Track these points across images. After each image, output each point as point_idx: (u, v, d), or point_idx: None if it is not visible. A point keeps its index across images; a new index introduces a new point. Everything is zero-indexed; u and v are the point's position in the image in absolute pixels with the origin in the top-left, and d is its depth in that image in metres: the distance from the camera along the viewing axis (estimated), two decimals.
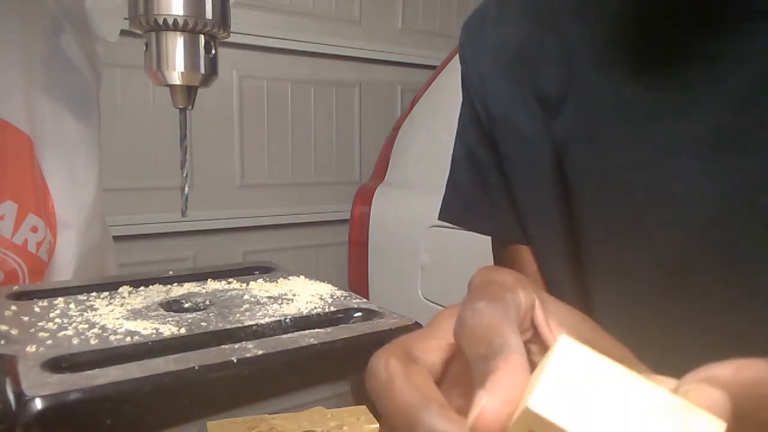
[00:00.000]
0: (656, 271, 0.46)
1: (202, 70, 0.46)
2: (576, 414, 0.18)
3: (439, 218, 0.63)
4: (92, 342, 0.38)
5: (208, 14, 0.44)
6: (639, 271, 0.47)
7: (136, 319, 0.43)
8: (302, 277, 0.56)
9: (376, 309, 0.45)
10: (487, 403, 0.21)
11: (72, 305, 0.46)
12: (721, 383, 0.20)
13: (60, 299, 0.48)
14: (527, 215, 0.55)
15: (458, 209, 0.61)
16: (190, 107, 0.47)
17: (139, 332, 0.40)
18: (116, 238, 0.84)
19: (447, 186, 0.63)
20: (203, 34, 0.45)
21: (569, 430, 0.18)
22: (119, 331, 0.40)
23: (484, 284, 0.27)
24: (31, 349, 0.36)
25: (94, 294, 0.50)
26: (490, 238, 0.62)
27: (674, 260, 0.45)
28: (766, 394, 0.20)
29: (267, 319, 0.43)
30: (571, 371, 0.19)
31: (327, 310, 0.46)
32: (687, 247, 0.44)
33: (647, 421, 0.18)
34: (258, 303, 0.48)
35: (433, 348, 0.28)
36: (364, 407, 0.71)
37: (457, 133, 0.62)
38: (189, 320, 0.43)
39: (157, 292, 0.51)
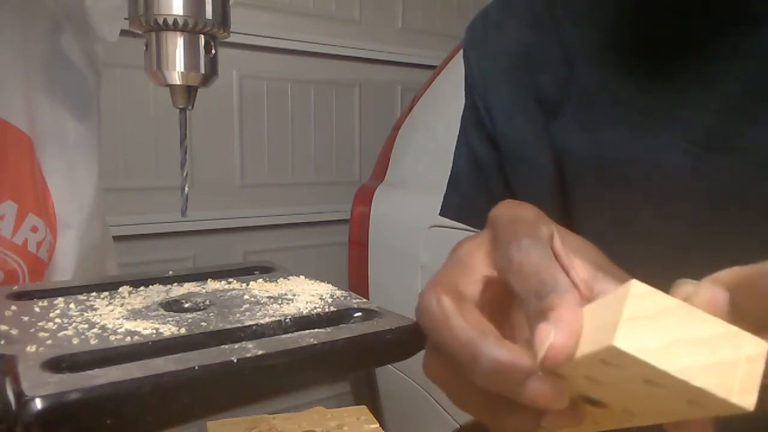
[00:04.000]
0: (650, 265, 0.47)
1: (202, 70, 0.46)
2: (653, 348, 0.21)
3: (440, 214, 0.63)
4: (92, 342, 0.38)
5: (208, 14, 0.44)
6: (633, 265, 0.48)
7: (136, 319, 0.42)
8: (302, 277, 0.56)
9: (376, 309, 0.45)
10: (556, 336, 0.24)
11: (72, 305, 0.46)
12: (719, 281, 0.24)
13: (60, 299, 0.48)
14: None
15: (459, 207, 0.62)
16: (190, 107, 0.47)
17: (139, 332, 0.40)
18: (116, 238, 0.84)
19: (448, 183, 0.63)
20: (203, 34, 0.45)
21: (650, 362, 0.21)
22: (119, 331, 0.40)
23: (513, 221, 0.31)
24: (31, 349, 0.36)
25: (94, 294, 0.50)
26: None
27: (667, 255, 0.46)
28: (757, 285, 0.24)
29: (267, 319, 0.43)
30: (644, 311, 0.22)
31: (327, 310, 0.46)
32: (679, 241, 0.45)
33: (710, 348, 0.21)
34: (258, 303, 0.48)
35: (472, 282, 0.30)
36: (364, 407, 0.71)
37: (459, 132, 0.62)
38: (189, 320, 0.43)
39: (157, 292, 0.51)
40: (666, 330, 0.22)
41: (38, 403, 0.29)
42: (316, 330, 0.40)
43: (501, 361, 0.25)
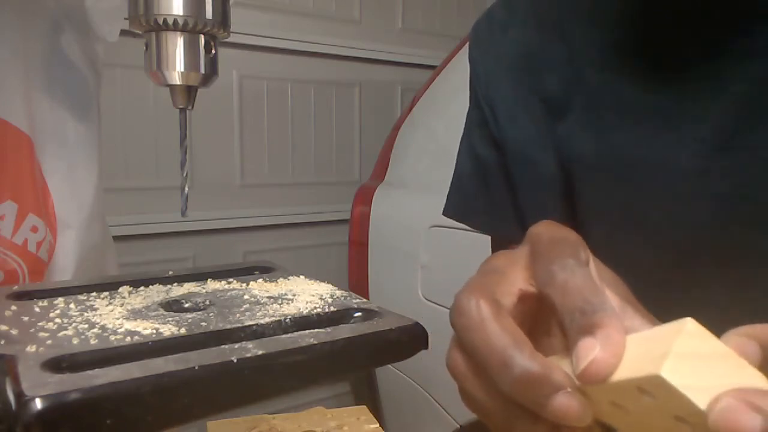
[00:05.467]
0: (658, 267, 0.47)
1: (202, 70, 0.46)
2: (696, 387, 0.22)
3: (443, 214, 0.63)
4: (92, 342, 0.38)
5: (208, 14, 0.44)
6: (640, 267, 0.47)
7: (136, 319, 0.43)
8: (302, 277, 0.56)
9: (376, 309, 0.45)
10: (600, 353, 0.24)
11: (72, 305, 0.46)
12: (755, 336, 0.24)
13: (60, 299, 0.48)
14: (530, 215, 0.55)
15: (461, 207, 0.62)
16: (190, 107, 0.47)
17: (139, 332, 0.40)
18: (116, 238, 0.84)
19: (451, 184, 0.64)
20: (203, 34, 0.45)
21: (691, 399, 0.21)
22: (119, 331, 0.40)
23: (555, 240, 0.31)
24: (31, 349, 0.36)
25: (94, 294, 0.50)
26: (488, 239, 0.63)
27: (676, 256, 0.46)
28: None
29: (267, 319, 0.43)
30: (695, 350, 0.23)
31: (327, 310, 0.46)
32: (689, 243, 0.45)
33: None
34: (258, 303, 0.48)
35: (508, 293, 0.31)
36: (364, 407, 0.71)
37: (463, 132, 0.63)
38: (189, 320, 0.43)
39: (157, 292, 0.51)
40: (711, 373, 0.22)
41: (38, 403, 0.29)
42: (316, 330, 0.41)
43: (533, 372, 0.25)
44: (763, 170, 0.40)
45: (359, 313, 0.46)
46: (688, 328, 0.23)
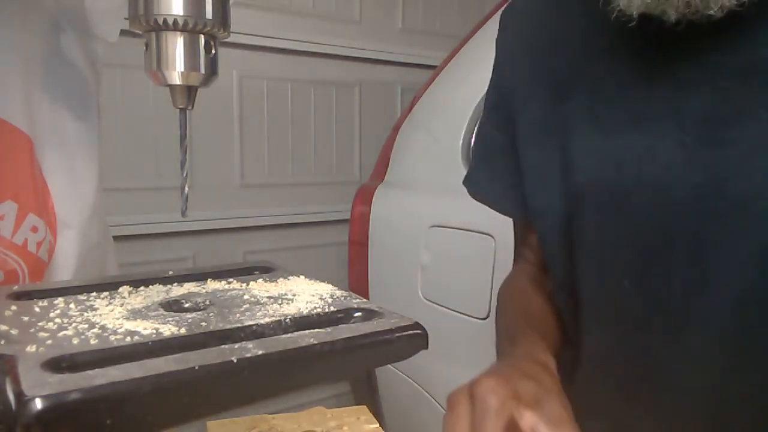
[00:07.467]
0: (635, 246, 0.50)
1: (202, 70, 0.46)
2: None
3: (463, 183, 0.70)
4: (92, 342, 0.38)
5: (208, 14, 0.44)
6: (620, 246, 0.51)
7: (136, 319, 0.43)
8: (302, 277, 0.56)
9: (376, 309, 0.45)
10: None
11: (72, 305, 0.46)
12: None
13: (60, 299, 0.48)
14: (533, 193, 0.60)
15: (466, 179, 0.69)
16: (190, 107, 0.47)
17: (139, 332, 0.40)
18: (116, 238, 0.84)
19: (471, 159, 0.72)
20: (203, 34, 0.45)
21: None
22: (119, 331, 0.40)
23: (486, 416, 0.39)
24: (31, 349, 0.36)
25: (94, 294, 0.50)
26: (488, 239, 0.66)
27: (651, 238, 0.49)
28: None
29: (267, 319, 0.43)
30: None
31: (327, 310, 0.46)
32: (663, 227, 0.48)
33: None
34: (258, 303, 0.48)
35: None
36: (364, 407, 0.71)
37: (483, 111, 0.70)
38: (189, 320, 0.43)
39: (157, 292, 0.51)
40: None
41: (38, 403, 0.29)
42: (316, 330, 0.41)
43: None
44: (737, 163, 0.43)
45: (359, 313, 0.46)
46: None
